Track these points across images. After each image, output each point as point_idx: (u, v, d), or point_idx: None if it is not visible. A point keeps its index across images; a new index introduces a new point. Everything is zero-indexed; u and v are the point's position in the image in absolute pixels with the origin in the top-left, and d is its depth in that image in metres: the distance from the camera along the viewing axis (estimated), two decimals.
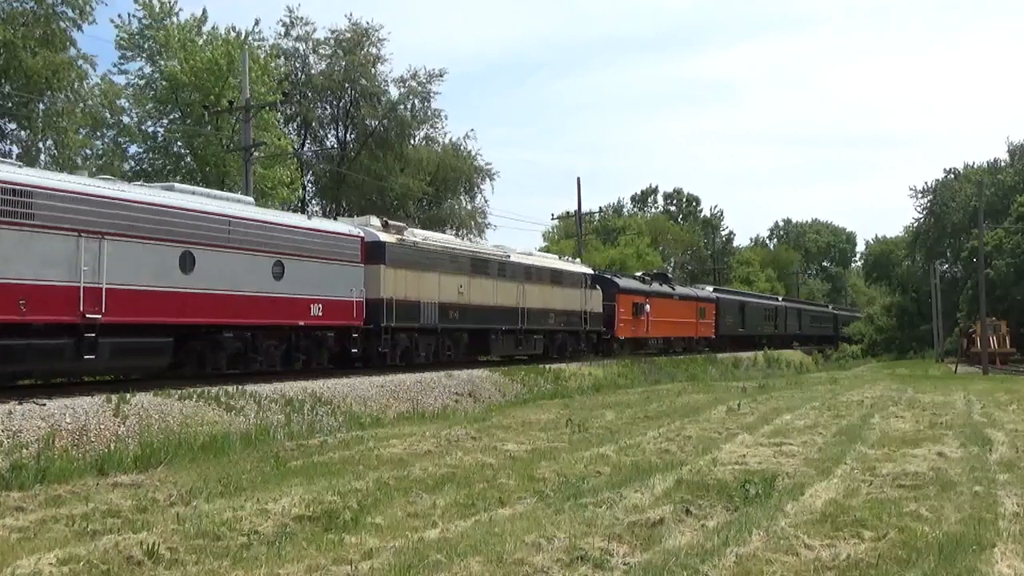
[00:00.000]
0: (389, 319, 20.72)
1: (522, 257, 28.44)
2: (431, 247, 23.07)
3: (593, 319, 32.06)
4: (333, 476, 10.07)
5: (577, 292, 30.86)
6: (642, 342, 38.15)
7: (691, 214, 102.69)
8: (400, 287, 21.18)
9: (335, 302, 19.23)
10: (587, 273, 32.57)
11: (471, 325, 24.42)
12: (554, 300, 29.06)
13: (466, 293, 23.83)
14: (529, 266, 28.08)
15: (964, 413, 18.21)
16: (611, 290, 34.36)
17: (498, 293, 25.58)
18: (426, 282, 22.18)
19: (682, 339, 43.03)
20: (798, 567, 6.47)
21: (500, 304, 25.66)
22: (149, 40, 34.96)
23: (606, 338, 33.84)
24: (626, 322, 35.43)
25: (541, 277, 28.48)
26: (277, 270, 17.72)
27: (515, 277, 26.71)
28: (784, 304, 63.72)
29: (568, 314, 30.10)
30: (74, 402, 12.52)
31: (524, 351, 27.67)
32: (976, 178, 64.34)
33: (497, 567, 6.34)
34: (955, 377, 37.69)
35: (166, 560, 6.61)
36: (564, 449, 12.43)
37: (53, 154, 30.83)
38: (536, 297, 27.76)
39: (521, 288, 26.85)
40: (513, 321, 26.40)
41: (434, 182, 47.30)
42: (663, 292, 40.63)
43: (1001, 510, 8.33)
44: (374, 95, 44.13)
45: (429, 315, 22.25)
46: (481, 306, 24.66)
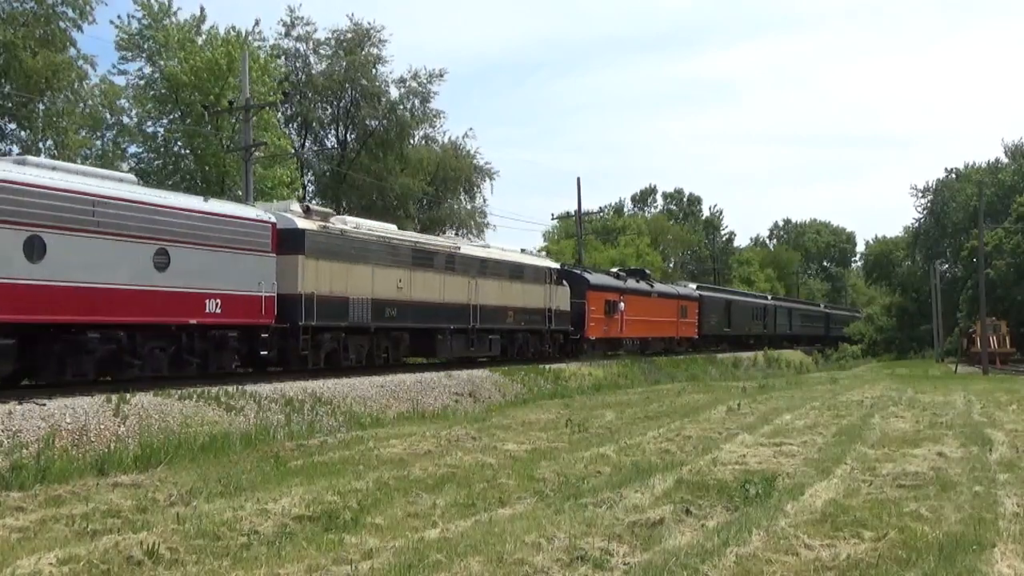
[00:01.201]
0: (309, 317, 18.32)
1: (475, 249, 26.22)
2: (363, 236, 20.50)
3: (559, 318, 29.64)
4: (333, 476, 10.07)
5: (540, 288, 28.45)
6: (616, 343, 35.61)
7: (691, 214, 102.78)
8: (324, 281, 18.82)
9: (238, 297, 16.77)
10: (552, 268, 30.21)
11: (412, 324, 22.00)
12: (513, 297, 26.63)
13: (407, 288, 21.44)
14: (483, 259, 25.60)
15: (964, 413, 18.21)
16: (581, 286, 31.79)
17: (446, 288, 23.17)
18: (357, 275, 19.78)
19: (661, 339, 40.35)
20: (798, 567, 6.47)
21: (448, 301, 23.23)
22: (148, 40, 34.97)
23: (575, 338, 31.46)
24: (597, 321, 32.92)
25: (498, 271, 26.03)
26: (161, 260, 15.24)
27: (467, 271, 24.24)
28: (773, 303, 61.30)
29: (530, 312, 27.68)
30: (74, 402, 12.52)
31: (477, 353, 25.31)
32: (976, 178, 64.36)
33: (497, 567, 6.35)
34: (955, 377, 37.69)
35: (166, 560, 6.61)
36: (564, 449, 12.43)
37: (53, 154, 30.82)
38: (492, 293, 25.36)
39: (474, 283, 24.34)
40: (464, 319, 23.95)
41: (434, 182, 47.33)
42: (640, 289, 37.92)
43: (1001, 510, 8.33)
44: (374, 95, 44.13)
45: (360, 313, 19.86)
46: (425, 303, 22.25)
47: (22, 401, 12.20)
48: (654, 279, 42.64)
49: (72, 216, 13.82)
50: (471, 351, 24.72)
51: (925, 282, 63.83)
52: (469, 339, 24.33)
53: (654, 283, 40.88)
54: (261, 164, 32.97)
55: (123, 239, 14.66)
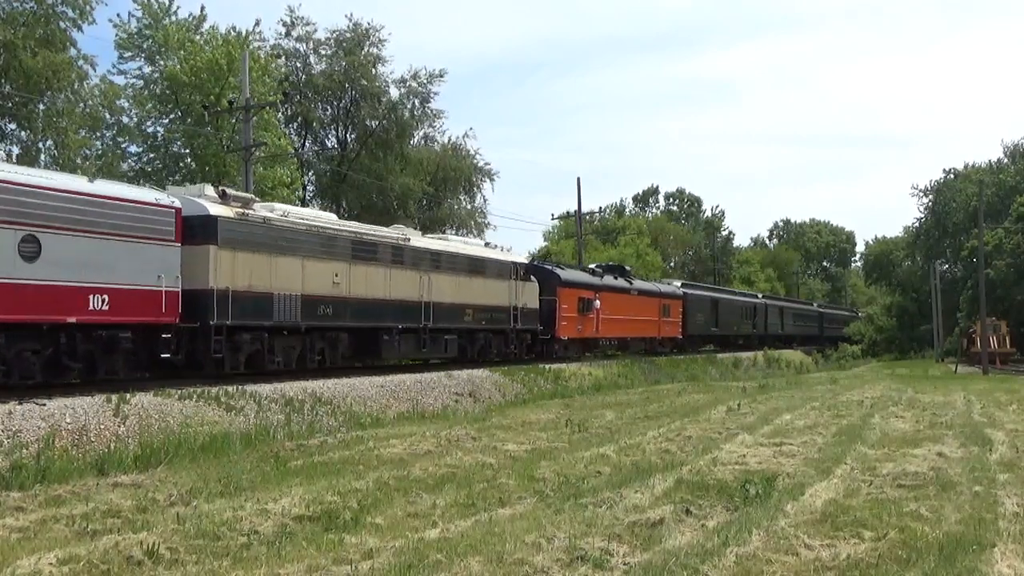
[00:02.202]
0: (222, 315, 16.36)
1: (428, 241, 24.13)
2: (290, 225, 18.43)
3: (526, 316, 27.42)
4: (333, 476, 10.07)
5: (504, 284, 26.28)
6: (591, 343, 33.43)
7: (693, 215, 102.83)
8: (242, 275, 16.87)
9: (131, 292, 14.66)
10: (518, 262, 27.83)
11: (352, 323, 19.92)
12: (473, 293, 24.59)
13: (344, 283, 19.49)
14: (437, 252, 23.48)
15: (964, 413, 18.21)
16: (551, 283, 29.70)
17: (392, 284, 21.09)
18: (283, 269, 17.87)
19: (641, 340, 38.05)
20: (798, 567, 6.47)
21: (396, 297, 21.17)
22: (148, 40, 34.97)
23: (545, 339, 29.31)
24: (570, 320, 30.77)
25: (454, 266, 23.96)
26: (28, 248, 13.16)
27: (417, 265, 22.19)
28: (764, 301, 58.65)
29: (492, 310, 25.61)
30: (74, 402, 12.53)
31: (430, 354, 23.30)
32: (977, 178, 64.38)
33: (497, 567, 6.35)
34: (955, 377, 37.70)
35: (166, 560, 6.61)
36: (564, 449, 12.44)
37: (53, 154, 30.87)
38: (447, 289, 23.31)
39: (426, 279, 22.29)
40: (414, 318, 21.87)
41: (434, 182, 47.30)
42: (617, 286, 35.67)
43: (1001, 510, 8.33)
44: (374, 95, 44.12)
45: (287, 310, 17.91)
46: (367, 299, 20.22)
47: (22, 401, 12.21)
48: (634, 276, 40.72)
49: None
50: (423, 353, 22.71)
51: (925, 282, 63.84)
52: (421, 340, 22.23)
53: (633, 280, 38.82)
54: (261, 164, 32.96)
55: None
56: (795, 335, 63.07)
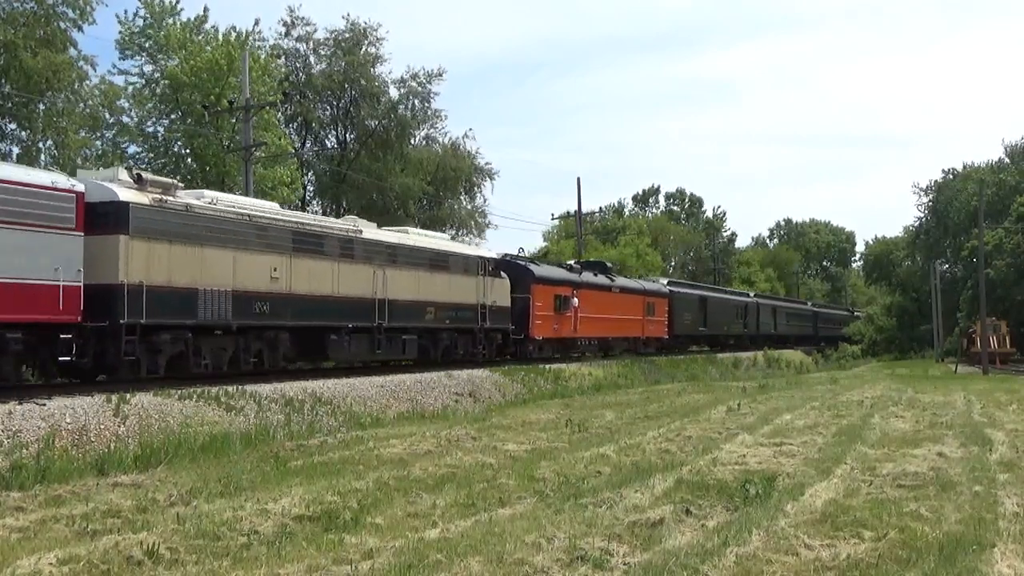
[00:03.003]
0: (135, 313, 14.62)
1: (383, 234, 22.33)
2: (219, 214, 16.72)
3: (496, 315, 25.80)
4: (333, 476, 10.08)
5: (471, 280, 24.73)
6: (568, 343, 31.76)
7: (694, 215, 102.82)
8: (160, 268, 15.20)
9: (20, 287, 12.98)
10: (487, 257, 26.35)
11: (294, 322, 18.34)
12: (435, 290, 22.99)
13: (285, 278, 17.90)
14: (393, 245, 21.80)
15: (964, 413, 18.21)
16: (524, 279, 28.09)
17: (341, 279, 19.50)
18: (211, 262, 16.24)
19: (624, 340, 36.37)
20: (798, 567, 6.47)
21: (345, 294, 19.57)
22: (149, 40, 34.98)
23: (518, 338, 27.63)
24: (545, 319, 29.09)
25: (414, 260, 22.36)
26: None
27: (371, 259, 20.63)
28: (756, 300, 57.03)
29: (457, 308, 23.98)
30: (74, 402, 12.53)
31: (386, 356, 21.71)
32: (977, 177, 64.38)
33: (497, 567, 6.35)
34: (955, 377, 37.69)
35: (166, 560, 6.62)
36: (564, 449, 12.44)
37: (53, 154, 30.87)
38: (406, 286, 21.70)
39: (381, 274, 20.67)
40: (367, 316, 20.28)
41: (434, 182, 47.33)
42: (597, 283, 34.02)
43: (1001, 510, 8.33)
44: (374, 95, 44.16)
45: (215, 308, 16.25)
46: (311, 296, 18.64)
47: (22, 401, 12.21)
48: (616, 273, 39.15)
49: None
50: (377, 354, 21.06)
51: (925, 282, 63.79)
52: (375, 340, 20.61)
53: (615, 277, 37.21)
54: (262, 164, 32.97)
55: None
56: (789, 335, 61.65)
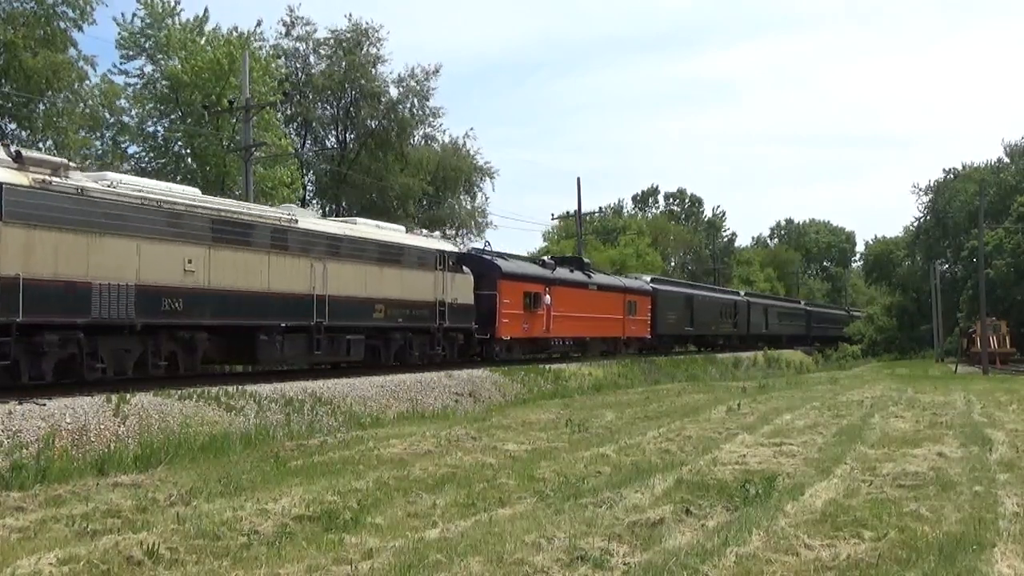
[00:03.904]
0: (10, 310, 12.88)
1: (324, 224, 20.70)
2: (119, 198, 14.68)
3: (457, 313, 23.87)
4: (333, 476, 10.07)
5: (428, 276, 22.76)
6: (541, 343, 29.85)
7: (694, 215, 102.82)
8: (43, 259, 13.39)
9: None
10: (446, 251, 24.23)
11: (214, 320, 16.45)
12: (385, 286, 21.05)
13: (202, 271, 16.00)
14: (335, 236, 19.84)
15: (964, 413, 18.21)
16: (490, 275, 26.20)
17: (273, 273, 17.63)
18: (109, 253, 14.27)
19: (602, 340, 34.22)
20: (798, 567, 6.47)
21: (278, 290, 17.71)
22: (150, 40, 34.99)
23: (484, 338, 25.85)
24: (513, 318, 27.07)
25: (359, 253, 20.42)
26: None
27: (308, 251, 18.73)
28: (746, 299, 54.78)
29: (412, 306, 22.10)
30: (74, 402, 12.53)
31: (326, 358, 19.75)
32: (977, 177, 64.37)
33: (497, 567, 6.35)
34: (955, 377, 37.68)
35: (166, 560, 6.61)
36: (564, 449, 12.44)
37: (53, 154, 30.83)
38: (350, 281, 19.89)
39: (321, 267, 18.88)
40: (304, 314, 18.48)
41: (434, 181, 47.34)
42: (573, 280, 31.98)
43: (1001, 510, 8.33)
44: (374, 95, 44.17)
45: (114, 305, 14.26)
46: (236, 292, 16.75)
47: (22, 401, 12.21)
48: (595, 269, 37.07)
49: None
50: (316, 356, 19.18)
51: (925, 282, 63.78)
52: (313, 340, 18.81)
53: (593, 273, 35.06)
54: (262, 164, 32.96)
55: None
56: (781, 335, 60.04)
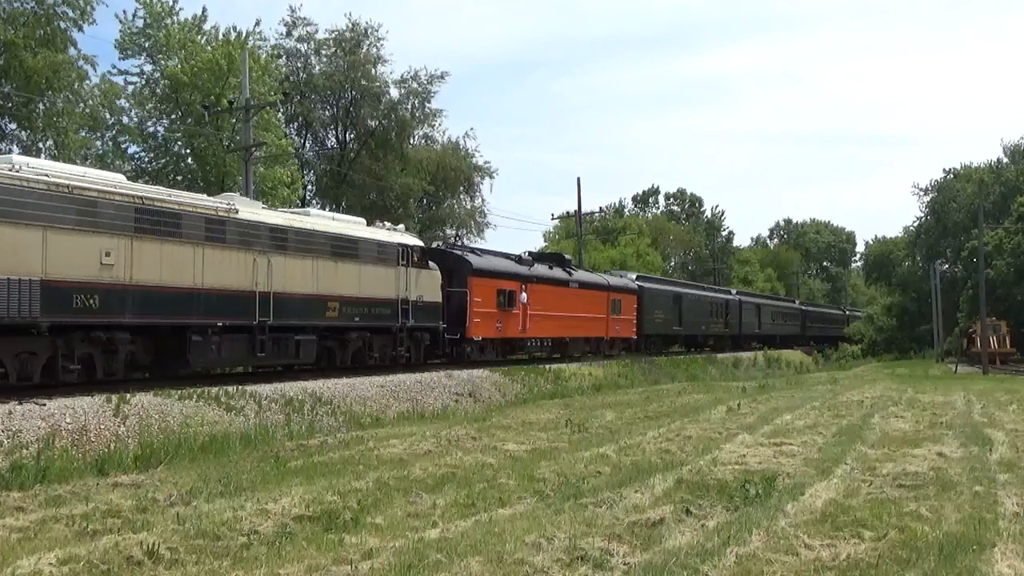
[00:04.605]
0: None
1: (269, 214, 18.86)
2: (18, 183, 13.16)
3: (423, 312, 22.38)
4: (333, 476, 10.07)
5: (389, 272, 21.24)
6: (516, 344, 28.47)
7: (693, 215, 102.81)
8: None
9: None
10: (410, 245, 22.47)
11: (137, 319, 14.84)
12: (340, 282, 19.56)
13: (123, 265, 14.44)
14: (282, 228, 18.20)
15: (964, 413, 18.21)
16: (461, 271, 24.97)
17: (208, 268, 16.12)
18: (7, 244, 12.96)
19: (584, 341, 32.71)
20: (798, 567, 6.47)
21: (213, 286, 16.20)
22: (149, 40, 34.98)
23: (453, 339, 24.52)
24: (486, 317, 25.74)
25: (311, 246, 18.88)
26: None
27: (251, 244, 17.18)
28: (738, 298, 53.47)
29: (370, 304, 20.57)
30: (74, 402, 12.53)
31: (271, 360, 18.17)
32: (977, 177, 64.41)
33: (497, 567, 6.35)
34: (955, 377, 37.69)
35: (166, 560, 6.61)
36: (564, 449, 12.43)
37: (53, 154, 30.81)
38: (300, 277, 18.43)
39: (265, 262, 17.35)
40: (245, 313, 16.95)
41: (434, 182, 47.32)
42: (552, 277, 30.46)
43: (1001, 510, 8.33)
44: (374, 95, 44.16)
45: (13, 302, 12.90)
46: (164, 288, 15.20)
47: (22, 401, 12.21)
48: (576, 266, 35.65)
49: None
50: (260, 358, 17.62)
51: (925, 282, 63.80)
52: (256, 341, 17.27)
53: (574, 270, 33.63)
54: (262, 164, 32.95)
55: None
56: (774, 335, 58.68)
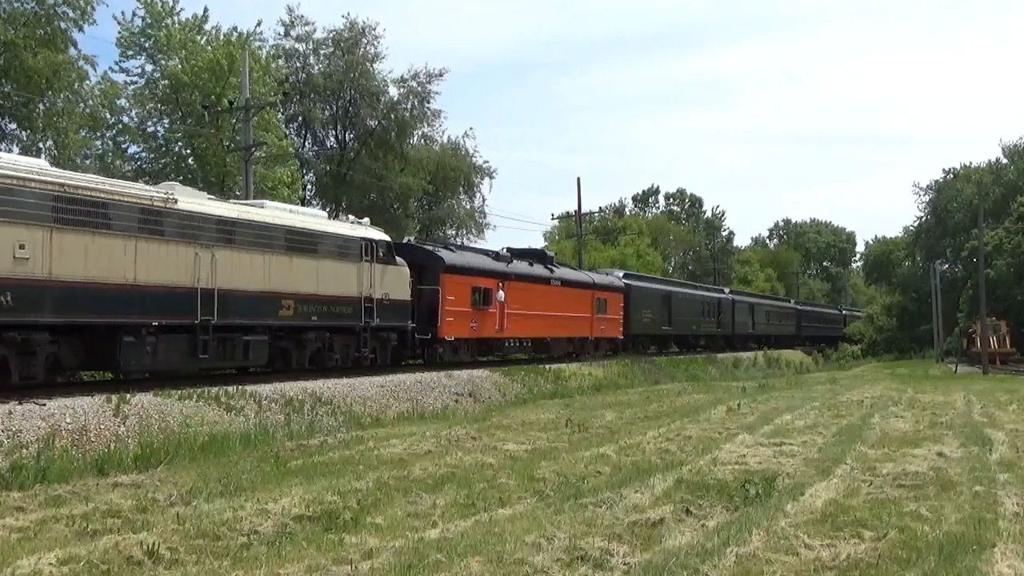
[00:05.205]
0: None
1: (213, 205, 17.25)
2: None
3: (390, 311, 21.07)
4: (333, 476, 10.07)
5: (351, 268, 19.91)
6: (494, 345, 27.18)
7: (693, 215, 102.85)
8: None
9: None
10: (374, 239, 20.96)
11: (57, 318, 13.55)
12: (296, 279, 18.18)
13: (40, 259, 13.13)
14: (227, 221, 16.74)
15: (964, 413, 18.21)
16: (432, 268, 23.56)
17: (142, 262, 14.72)
18: None
19: (567, 341, 31.45)
20: (798, 567, 6.47)
21: (148, 282, 14.80)
22: (150, 40, 34.97)
23: (425, 339, 23.24)
24: (459, 316, 24.40)
25: (262, 240, 17.45)
26: None
27: (193, 237, 15.75)
28: (730, 297, 52.23)
29: (330, 302, 19.23)
30: (74, 402, 12.53)
31: (219, 363, 16.94)
32: (977, 177, 64.45)
33: (497, 567, 6.35)
34: (955, 377, 37.69)
35: (166, 560, 6.61)
36: (564, 449, 12.43)
37: (53, 154, 30.82)
38: (249, 272, 17.00)
39: (209, 257, 15.97)
40: (185, 311, 15.54)
41: (434, 181, 47.34)
42: (531, 274, 29.03)
43: (1001, 510, 8.33)
44: (373, 95, 44.17)
45: None
46: (90, 284, 13.88)
47: (22, 401, 12.21)
48: (559, 263, 34.09)
49: None
50: (203, 360, 16.17)
51: (925, 282, 63.81)
52: (198, 341, 15.90)
53: (557, 267, 32.14)
54: (262, 164, 32.96)
55: None
56: (768, 335, 57.49)
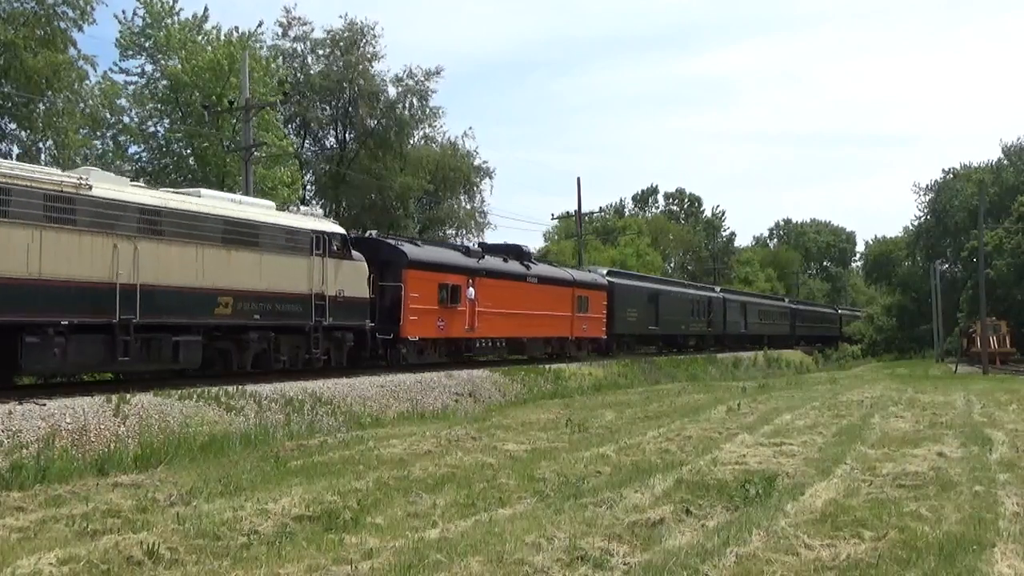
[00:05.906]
0: None
1: (133, 192, 15.68)
2: None
3: (344, 309, 19.65)
4: (333, 476, 10.08)
5: (300, 262, 18.51)
6: (464, 345, 25.55)
7: (693, 214, 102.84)
8: None
9: None
10: (328, 232, 19.61)
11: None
12: (234, 274, 16.79)
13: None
14: (151, 209, 15.37)
15: (964, 413, 18.21)
16: (395, 263, 22.06)
17: (48, 255, 13.36)
18: None
19: (544, 341, 29.97)
20: (798, 567, 6.47)
21: (55, 277, 13.45)
22: (150, 40, 34.97)
23: (387, 338, 21.78)
24: (425, 314, 22.87)
25: (194, 231, 16.04)
26: None
27: (112, 227, 14.45)
28: (722, 295, 50.26)
29: (275, 299, 17.79)
30: (74, 402, 12.53)
31: (141, 365, 15.42)
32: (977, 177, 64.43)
33: (497, 567, 6.35)
34: (955, 377, 37.69)
35: (166, 560, 6.62)
36: (564, 449, 12.44)
37: (53, 154, 30.83)
38: (178, 267, 15.62)
39: (130, 249, 14.64)
40: (102, 309, 14.20)
41: (434, 181, 47.33)
42: (505, 271, 27.39)
43: (1001, 510, 8.33)
44: (372, 95, 44.16)
45: None
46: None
47: (22, 401, 12.21)
48: (537, 260, 32.51)
49: None
50: (123, 362, 14.84)
51: (925, 282, 63.81)
52: (118, 342, 14.54)
53: (534, 264, 30.33)
54: (262, 164, 32.95)
55: None
56: (761, 335, 55.55)
